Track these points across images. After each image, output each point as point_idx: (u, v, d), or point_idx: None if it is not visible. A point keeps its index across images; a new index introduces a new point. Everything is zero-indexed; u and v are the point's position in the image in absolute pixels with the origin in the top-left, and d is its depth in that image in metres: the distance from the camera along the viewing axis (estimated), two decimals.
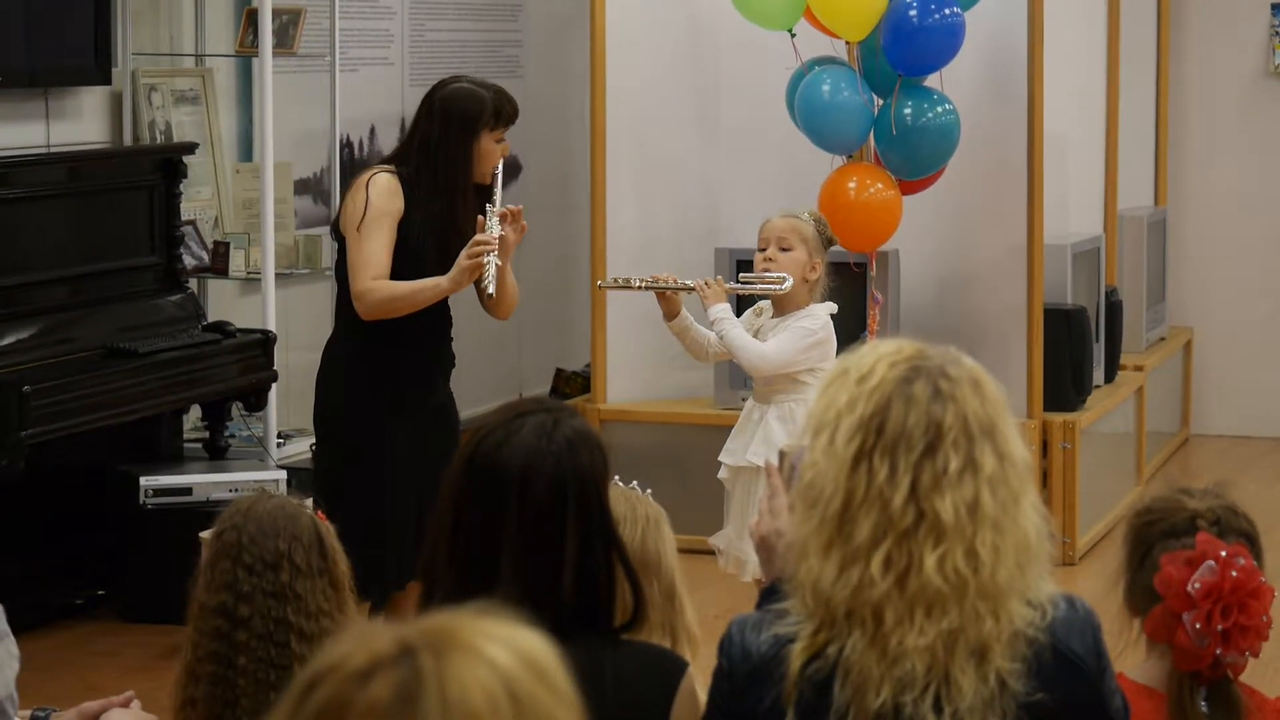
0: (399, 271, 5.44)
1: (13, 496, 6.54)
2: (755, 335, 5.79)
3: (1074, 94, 8.80)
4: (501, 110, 5.54)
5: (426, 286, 5.41)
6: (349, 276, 5.48)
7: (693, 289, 5.80)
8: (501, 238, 5.42)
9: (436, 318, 5.58)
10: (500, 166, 5.53)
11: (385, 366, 5.50)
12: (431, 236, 5.45)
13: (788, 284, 5.70)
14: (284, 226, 7.59)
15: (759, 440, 5.66)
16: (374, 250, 5.42)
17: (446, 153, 5.47)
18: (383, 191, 5.45)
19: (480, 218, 5.44)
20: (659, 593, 3.37)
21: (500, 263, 5.40)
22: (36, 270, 6.72)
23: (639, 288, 5.88)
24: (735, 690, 2.63)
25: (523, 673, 1.71)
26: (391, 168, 5.52)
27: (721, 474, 5.83)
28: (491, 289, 5.36)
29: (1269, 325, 10.29)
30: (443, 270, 5.43)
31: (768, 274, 5.73)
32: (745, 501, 5.72)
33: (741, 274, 6.02)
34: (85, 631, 6.84)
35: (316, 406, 5.66)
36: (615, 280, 6.10)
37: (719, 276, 5.91)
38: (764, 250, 5.79)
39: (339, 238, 5.58)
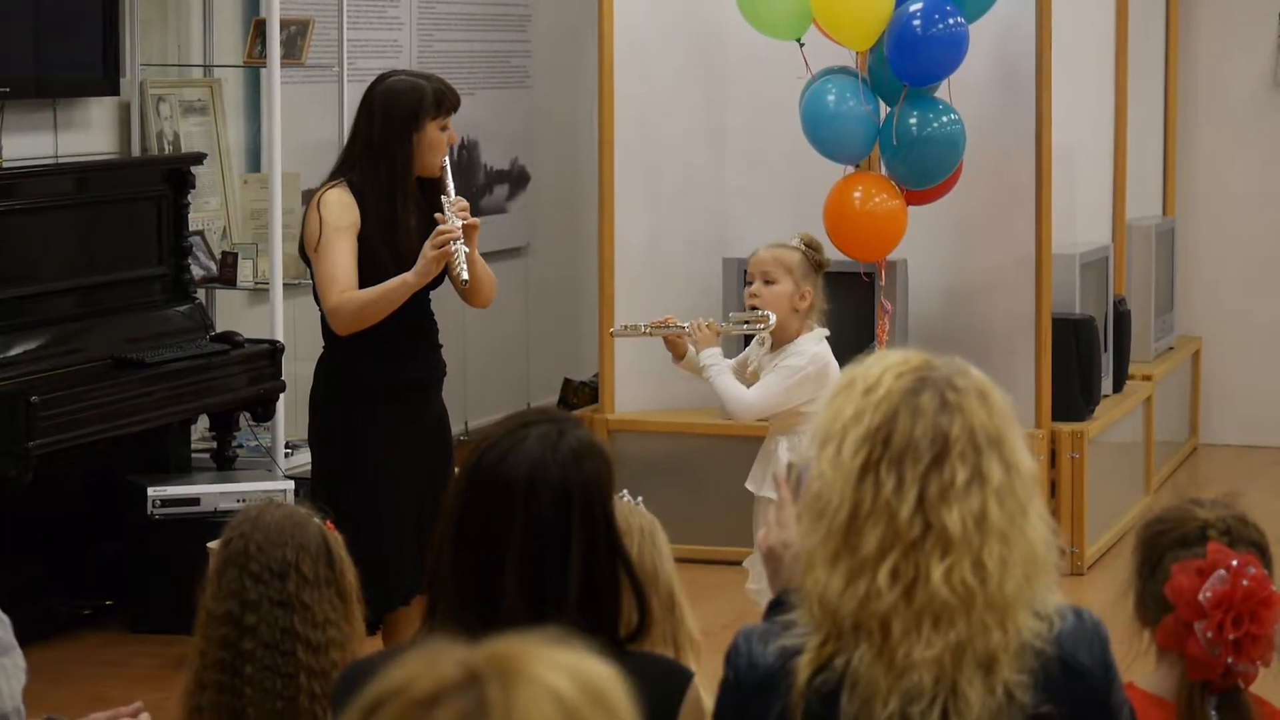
0: (365, 281, 5.38)
1: (20, 507, 6.54)
2: (757, 369, 5.79)
3: (1082, 104, 8.80)
4: (443, 98, 5.45)
5: (394, 286, 5.34)
6: (319, 296, 5.46)
7: (688, 332, 5.81)
8: (462, 226, 5.35)
9: (421, 327, 5.54)
10: (448, 158, 5.45)
11: (375, 381, 5.46)
12: (384, 240, 5.40)
13: (772, 322, 5.70)
14: (292, 237, 7.58)
15: (771, 474, 5.65)
16: (336, 264, 5.36)
17: (390, 149, 5.40)
18: (334, 206, 5.39)
19: (439, 215, 5.36)
20: (658, 604, 3.36)
21: (469, 249, 5.33)
22: (44, 280, 6.72)
23: (645, 333, 5.90)
24: (742, 701, 2.62)
25: (586, 704, 1.70)
26: (340, 180, 5.45)
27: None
28: (465, 275, 5.28)
29: (1277, 334, 10.27)
30: (400, 273, 5.38)
31: (754, 312, 5.73)
32: None
33: (730, 314, 6.08)
34: (92, 642, 6.84)
35: (311, 426, 5.64)
36: (624, 328, 6.15)
37: (710, 320, 5.90)
38: (750, 285, 5.79)
39: (307, 261, 5.55)
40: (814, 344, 5.71)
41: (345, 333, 5.41)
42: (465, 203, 5.41)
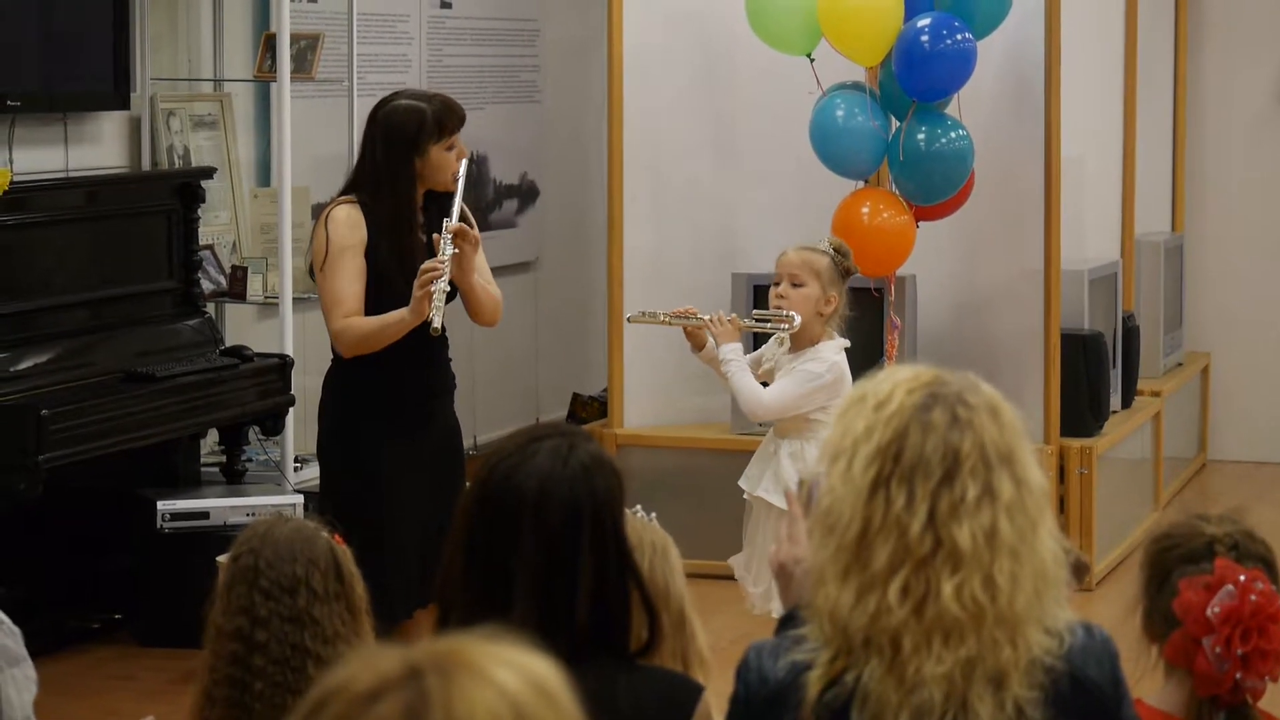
0: (374, 301, 5.38)
1: (30, 520, 6.55)
2: (773, 367, 5.79)
3: (1091, 119, 8.80)
4: (444, 120, 5.41)
5: (392, 321, 5.33)
6: (325, 317, 5.45)
7: (709, 323, 5.79)
8: (456, 255, 5.30)
9: (430, 340, 5.54)
10: (462, 171, 5.41)
11: (383, 393, 5.45)
12: (397, 263, 5.38)
13: (796, 324, 5.68)
14: (301, 251, 7.59)
15: (769, 476, 5.66)
16: (341, 287, 5.36)
17: (393, 174, 5.38)
18: (341, 225, 5.38)
19: (436, 235, 5.33)
20: (669, 620, 3.36)
21: (447, 288, 5.27)
22: (55, 294, 6.73)
23: (664, 321, 5.88)
24: (752, 716, 2.62)
25: (529, 696, 1.71)
26: (350, 198, 5.43)
27: (746, 495, 5.82)
28: (437, 322, 5.24)
29: None
30: (411, 294, 5.36)
31: (778, 312, 5.72)
32: (755, 531, 5.72)
33: (754, 311, 6.07)
34: (102, 656, 6.84)
35: (319, 436, 5.65)
36: (643, 314, 6.08)
37: (733, 314, 5.89)
38: (778, 285, 5.78)
39: (314, 277, 5.54)
40: (833, 353, 5.71)
41: (349, 355, 5.43)
42: (463, 226, 5.36)
